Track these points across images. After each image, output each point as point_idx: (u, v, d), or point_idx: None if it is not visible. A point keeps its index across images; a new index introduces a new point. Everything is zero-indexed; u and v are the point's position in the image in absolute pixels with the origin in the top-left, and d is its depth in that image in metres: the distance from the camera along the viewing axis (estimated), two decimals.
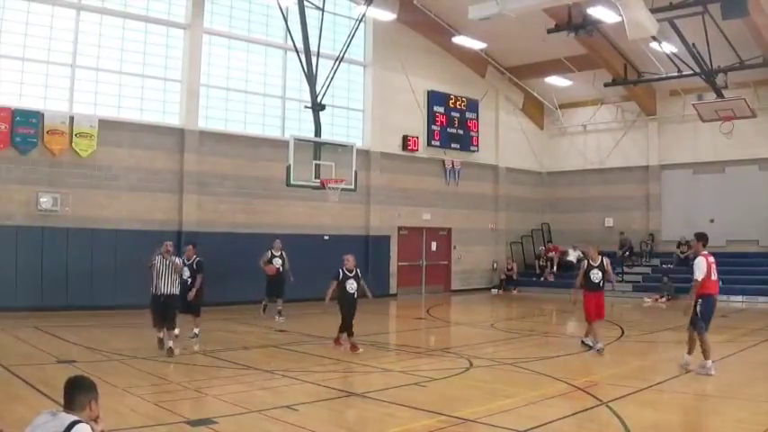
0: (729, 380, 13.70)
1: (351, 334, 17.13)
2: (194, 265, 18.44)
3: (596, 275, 17.54)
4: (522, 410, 11.15)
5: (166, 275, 15.97)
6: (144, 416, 10.27)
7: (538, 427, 10.05)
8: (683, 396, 12.27)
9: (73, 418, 5.48)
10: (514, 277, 37.52)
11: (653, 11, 23.27)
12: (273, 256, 23.36)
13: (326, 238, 29.61)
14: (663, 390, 12.82)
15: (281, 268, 23.36)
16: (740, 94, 30.39)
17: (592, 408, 11.07)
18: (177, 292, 16.45)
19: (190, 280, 18.08)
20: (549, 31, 27.72)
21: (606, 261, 17.97)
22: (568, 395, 12.01)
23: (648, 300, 31.56)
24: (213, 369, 14.49)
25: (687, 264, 33.20)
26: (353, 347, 16.87)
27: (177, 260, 16.60)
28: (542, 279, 37.39)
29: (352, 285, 17.27)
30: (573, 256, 37.80)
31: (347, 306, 17.27)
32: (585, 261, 17.98)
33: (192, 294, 17.82)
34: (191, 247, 19.15)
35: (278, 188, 26.49)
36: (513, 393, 12.21)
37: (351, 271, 17.41)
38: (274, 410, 10.86)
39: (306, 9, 25.23)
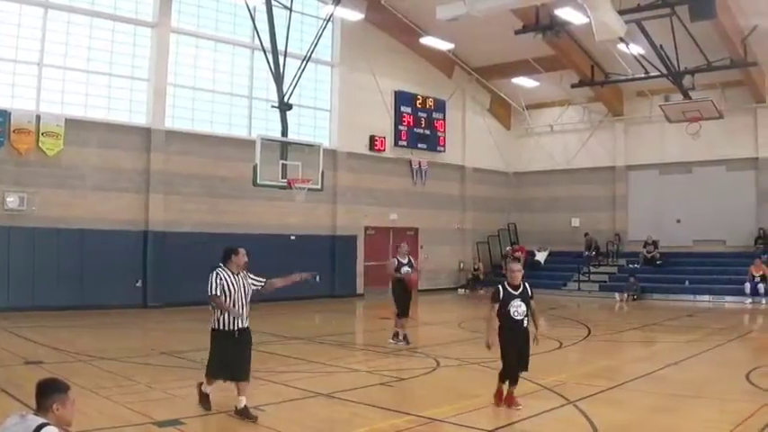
0: (697, 379, 13.84)
1: (515, 380, 11.34)
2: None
3: None
4: (489, 410, 11.24)
5: (241, 301, 10.92)
6: (111, 417, 10.24)
7: (505, 426, 10.17)
8: (651, 395, 12.33)
9: (40, 420, 5.47)
10: (481, 277, 37.66)
11: (621, 12, 23.45)
12: (401, 264, 18.96)
13: (293, 238, 29.58)
14: (630, 389, 12.93)
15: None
16: (707, 96, 30.73)
17: (559, 407, 11.16)
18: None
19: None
20: (517, 32, 27.89)
21: None
22: (536, 394, 12.06)
23: (618, 297, 31.87)
24: (180, 370, 14.43)
25: (653, 264, 33.86)
26: (511, 399, 11.29)
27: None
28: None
29: (519, 309, 11.22)
30: (540, 256, 38.10)
31: (512, 340, 11.24)
32: None
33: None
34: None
35: (244, 188, 26.44)
36: (480, 393, 12.24)
37: (517, 288, 11.32)
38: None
39: (273, 8, 25.28)
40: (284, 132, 25.95)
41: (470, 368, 15.16)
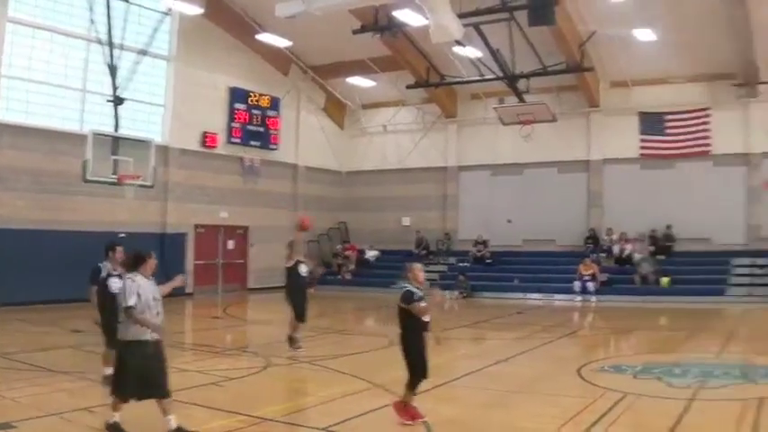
0: (527, 375, 14.31)
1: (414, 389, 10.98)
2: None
3: None
4: (321, 408, 11.45)
5: (159, 308, 9.84)
6: None
7: (338, 423, 10.31)
8: (482, 391, 12.84)
9: None
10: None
11: (460, 15, 23.86)
12: (299, 263, 18.17)
13: (123, 235, 29.09)
14: (460, 385, 13.43)
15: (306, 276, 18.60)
16: (542, 99, 31.81)
17: (391, 404, 11.14)
18: None
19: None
20: (355, 32, 28.11)
21: None
22: (368, 392, 12.24)
23: (448, 295, 32.44)
24: (10, 371, 14.10)
25: (483, 262, 34.71)
26: (411, 412, 10.74)
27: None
28: (339, 278, 37.78)
29: None
30: (370, 254, 38.51)
31: (423, 341, 11.60)
32: None
33: None
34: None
35: (76, 184, 25.78)
36: (312, 392, 12.48)
37: (419, 289, 11.51)
38: (73, 413, 10.77)
39: (111, 0, 24.92)
40: (116, 127, 25.61)
41: (302, 367, 15.35)
